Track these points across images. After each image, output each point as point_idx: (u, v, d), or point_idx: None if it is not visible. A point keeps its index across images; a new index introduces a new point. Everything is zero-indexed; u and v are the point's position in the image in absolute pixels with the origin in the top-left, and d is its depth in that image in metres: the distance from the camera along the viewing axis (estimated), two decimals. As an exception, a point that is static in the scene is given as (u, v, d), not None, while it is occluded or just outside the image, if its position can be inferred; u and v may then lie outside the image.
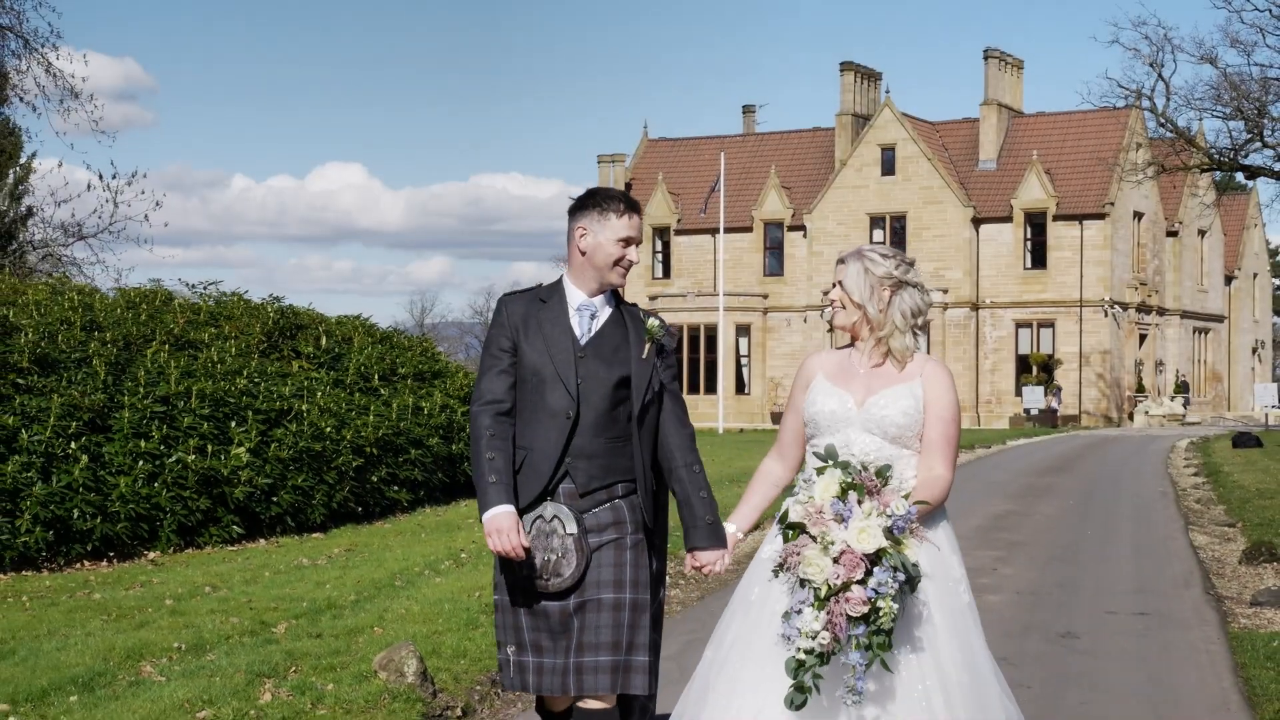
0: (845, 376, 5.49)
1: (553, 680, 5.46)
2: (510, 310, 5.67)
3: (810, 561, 4.94)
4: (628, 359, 5.61)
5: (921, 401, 5.38)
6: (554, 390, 5.53)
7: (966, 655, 5.15)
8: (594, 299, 5.67)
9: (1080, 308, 63.84)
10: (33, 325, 14.84)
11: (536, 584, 5.42)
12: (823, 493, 5.03)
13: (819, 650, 4.90)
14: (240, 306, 18.49)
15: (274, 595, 11.47)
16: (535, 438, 5.51)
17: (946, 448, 5.37)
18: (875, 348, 5.47)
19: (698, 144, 75.33)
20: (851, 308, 5.49)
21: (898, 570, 4.89)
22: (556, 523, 5.43)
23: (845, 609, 4.86)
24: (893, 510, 4.94)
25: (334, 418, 16.56)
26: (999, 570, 13.57)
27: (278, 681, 8.34)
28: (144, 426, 14.46)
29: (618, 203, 5.66)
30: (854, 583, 4.87)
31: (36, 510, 13.21)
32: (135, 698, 8.03)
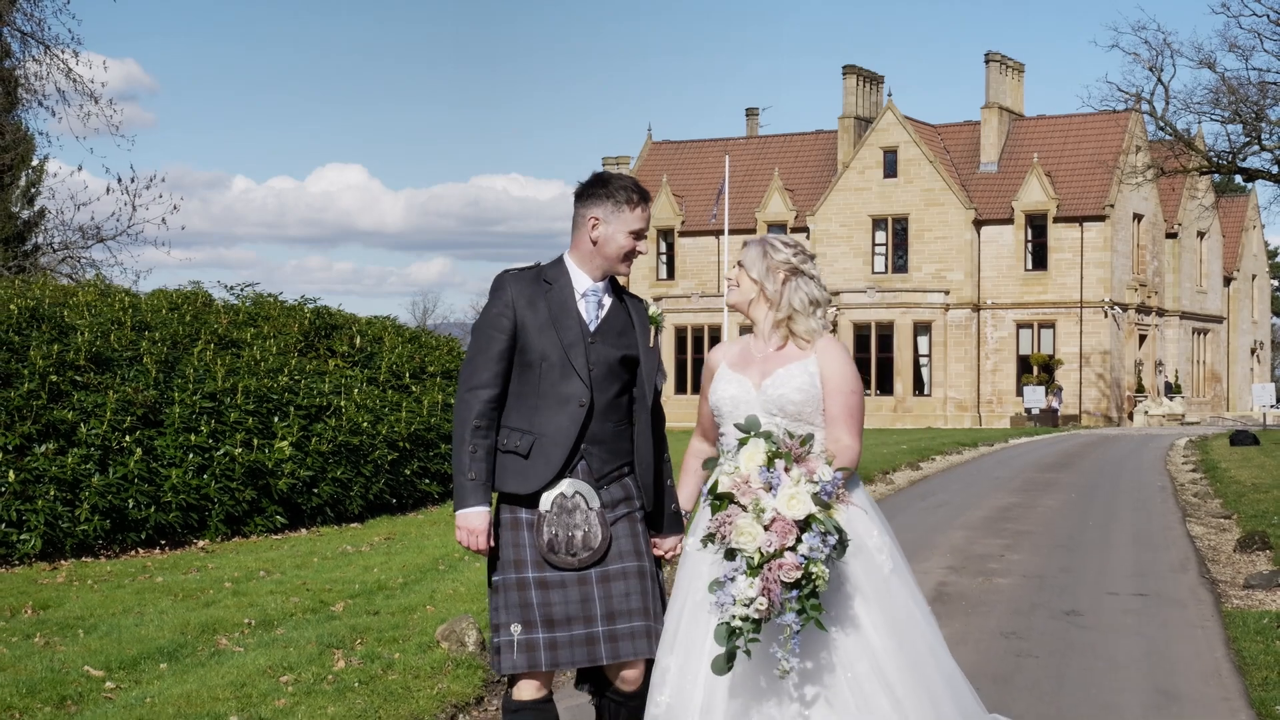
0: (745, 362, 5.63)
1: (573, 653, 5.50)
2: (514, 290, 5.64)
3: (742, 530, 5.00)
4: (632, 344, 5.69)
5: (817, 378, 5.49)
6: (566, 377, 5.56)
7: (892, 622, 5.24)
8: (598, 284, 5.71)
9: (1080, 309, 64.54)
10: (87, 325, 15.60)
11: (561, 559, 5.49)
12: (748, 462, 5.10)
13: (754, 616, 4.97)
14: (277, 307, 19.27)
15: (326, 578, 12.22)
16: (546, 424, 5.55)
17: (849, 419, 5.48)
18: (774, 331, 5.62)
19: (701, 146, 76.06)
20: (749, 284, 5.64)
21: (828, 535, 4.97)
22: (579, 498, 5.52)
23: (779, 575, 4.93)
24: (820, 476, 5.04)
25: (370, 413, 17.33)
26: (1006, 557, 14.33)
27: (347, 652, 9.09)
28: (193, 421, 15.22)
29: (631, 193, 5.67)
30: (786, 549, 4.96)
31: (95, 500, 13.95)
32: (220, 665, 8.79)
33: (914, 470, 27.77)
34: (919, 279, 66.13)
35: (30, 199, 46.16)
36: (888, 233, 67.53)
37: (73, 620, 10.38)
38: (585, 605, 5.50)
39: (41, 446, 13.94)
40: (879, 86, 71.63)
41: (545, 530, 5.48)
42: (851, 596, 5.21)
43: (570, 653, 5.48)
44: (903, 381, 64.71)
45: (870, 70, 71.00)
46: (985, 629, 10.38)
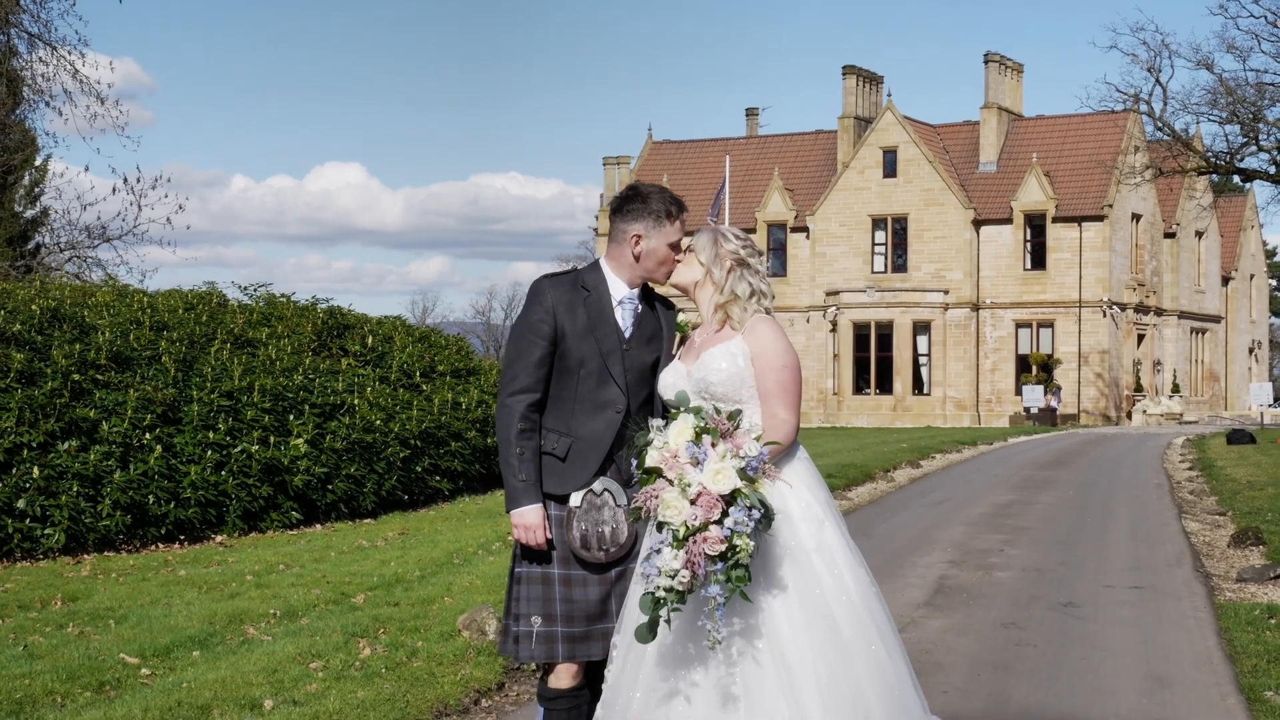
0: (687, 350, 5.77)
1: (591, 647, 5.70)
2: (554, 296, 5.80)
3: (668, 504, 5.09)
4: (659, 349, 5.88)
5: (741, 358, 5.55)
6: (604, 384, 5.75)
7: (803, 594, 5.29)
8: (633, 291, 5.88)
9: (1079, 308, 64.89)
10: (107, 325, 15.95)
11: (589, 555, 5.68)
12: (677, 437, 5.20)
13: (678, 588, 5.08)
14: (290, 308, 19.64)
15: (345, 572, 12.57)
16: (583, 427, 5.75)
17: (783, 394, 5.52)
18: (714, 315, 5.73)
19: (702, 146, 76.39)
20: (697, 267, 5.75)
21: (753, 509, 5.06)
22: (607, 495, 5.69)
23: (704, 548, 5.02)
24: (746, 452, 5.12)
25: (382, 412, 17.70)
26: (1006, 551, 14.68)
27: (371, 640, 9.45)
28: (211, 419, 15.58)
29: (670, 206, 5.84)
30: (711, 523, 5.04)
31: (116, 496, 14.31)
32: (250, 653, 9.15)
33: (914, 468, 28.11)
34: (918, 278, 66.48)
35: (33, 198, 46.50)
36: (887, 232, 67.88)
37: (103, 611, 10.74)
38: (603, 603, 5.70)
39: (64, 443, 14.29)
40: (879, 87, 71.97)
41: (575, 526, 5.69)
42: (773, 567, 5.29)
43: (587, 647, 5.69)
44: (902, 381, 65.06)
45: (870, 70, 71.34)
46: (986, 620, 10.73)
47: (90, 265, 43.20)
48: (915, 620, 10.63)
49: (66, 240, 43.03)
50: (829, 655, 5.21)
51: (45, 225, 44.79)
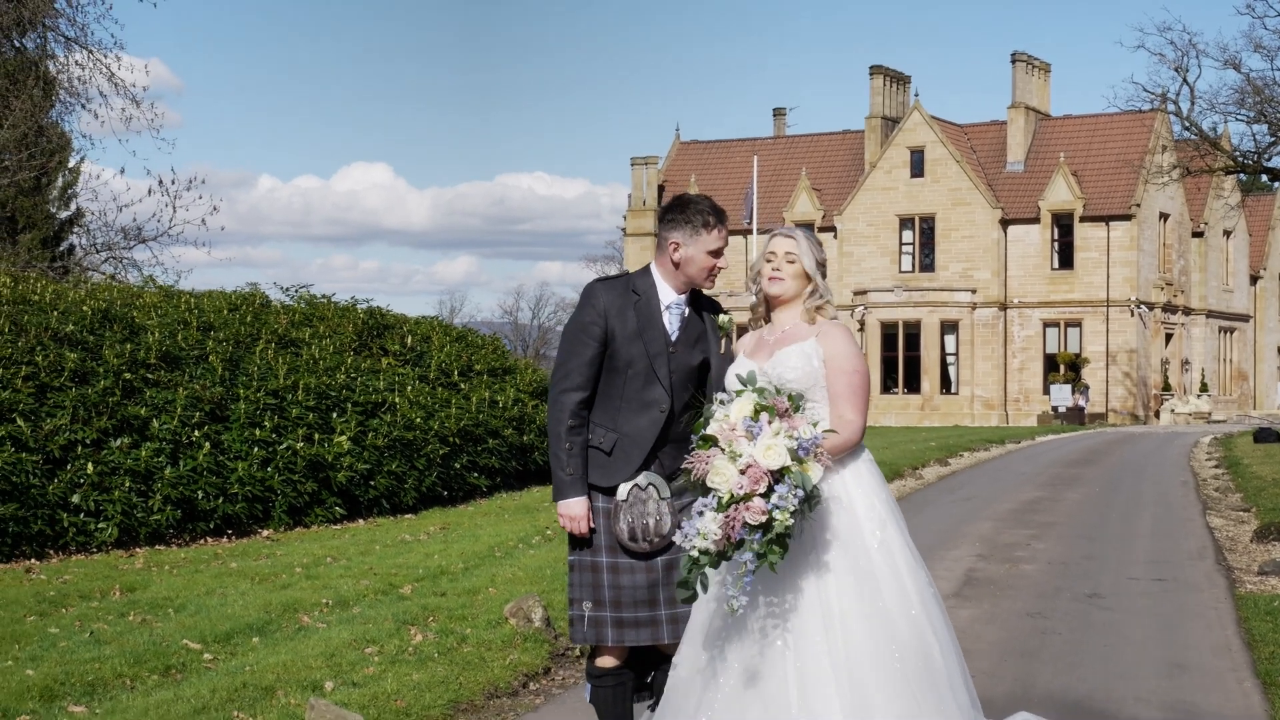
0: (757, 348, 5.91)
1: (639, 633, 6.05)
2: (606, 299, 6.14)
3: (718, 470, 5.29)
4: (706, 350, 6.20)
5: (815, 359, 5.73)
6: (650, 384, 6.10)
7: (866, 590, 5.47)
8: (681, 296, 6.22)
9: (1107, 307, 65.02)
10: (156, 325, 16.43)
11: (635, 546, 6.03)
12: (738, 412, 5.38)
13: (712, 550, 5.28)
14: (330, 308, 20.11)
15: (391, 564, 12.99)
16: (629, 425, 6.10)
17: (853, 396, 5.72)
18: (789, 317, 5.90)
19: (729, 146, 76.67)
20: (799, 279, 5.89)
21: (798, 488, 5.23)
22: (652, 489, 6.05)
23: (744, 516, 5.21)
24: (800, 433, 5.31)
25: (422, 410, 18.16)
26: (1032, 545, 15.04)
27: (421, 627, 9.87)
28: (257, 417, 16.04)
29: (708, 216, 6.17)
30: (757, 495, 5.24)
31: (167, 491, 14.78)
32: (306, 639, 9.58)
33: (942, 466, 28.45)
34: (946, 278, 66.70)
35: (67, 200, 47.08)
36: (914, 232, 68.10)
37: (161, 600, 11.18)
38: (651, 590, 6.05)
39: (117, 440, 14.76)
40: (906, 86, 72.19)
41: (621, 518, 6.04)
42: (826, 558, 5.48)
43: (636, 633, 6.05)
44: (930, 380, 65.30)
45: (897, 70, 71.53)
46: (1012, 610, 11.10)
47: (126, 266, 43.71)
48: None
49: (103, 241, 43.54)
50: (882, 651, 5.39)
51: (81, 226, 45.27)
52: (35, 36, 38.63)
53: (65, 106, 41.37)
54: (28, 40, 38.61)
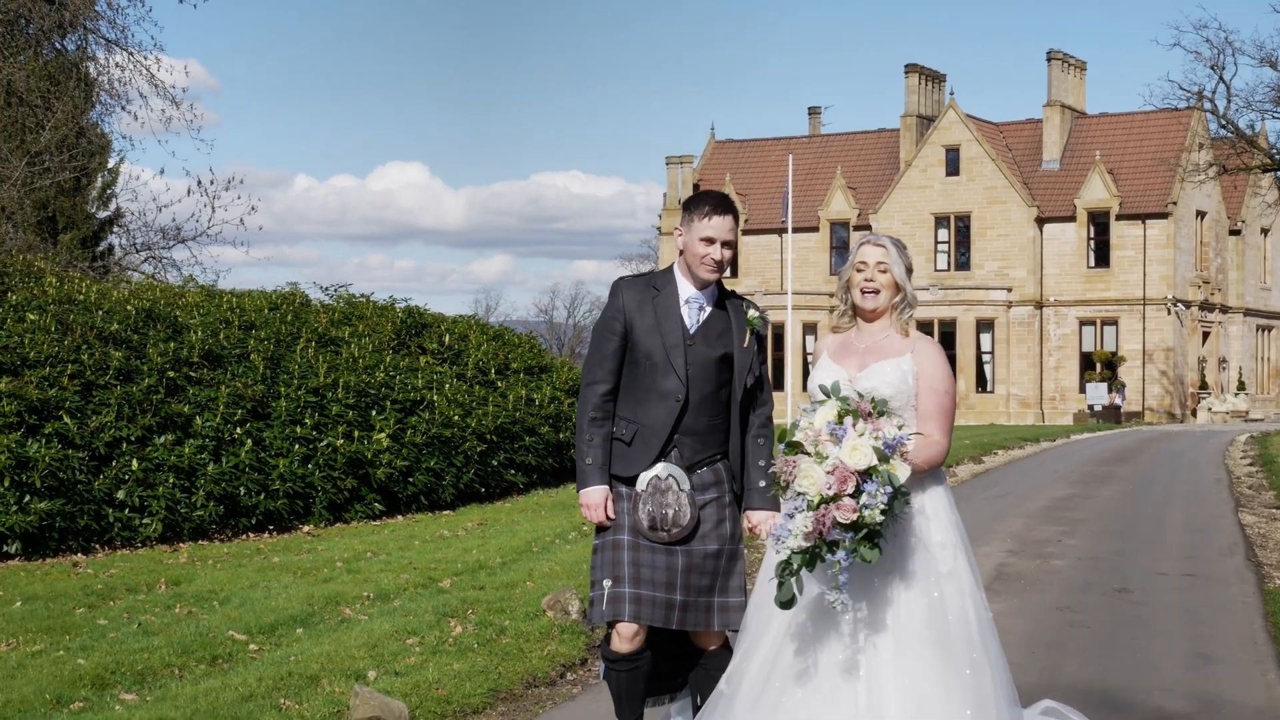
0: (845, 354, 5.97)
1: (654, 612, 6.16)
2: (626, 296, 6.36)
3: (805, 473, 5.39)
4: (729, 345, 6.30)
5: (909, 375, 5.81)
6: (665, 375, 6.24)
7: (930, 614, 5.56)
8: (702, 292, 6.36)
9: (1144, 306, 64.88)
10: (198, 324, 16.71)
11: (655, 535, 6.17)
12: (822, 419, 5.49)
13: (805, 548, 5.37)
14: (369, 307, 20.38)
15: (430, 559, 13.23)
16: (646, 415, 6.27)
17: (940, 416, 5.79)
18: (879, 326, 5.98)
19: (764, 145, 76.76)
20: (890, 290, 5.97)
21: (885, 485, 5.32)
22: (671, 480, 6.19)
23: (834, 515, 5.31)
24: (884, 434, 5.40)
25: (460, 408, 18.40)
26: (1063, 541, 15.19)
27: (461, 619, 10.09)
28: (298, 414, 16.30)
29: (703, 205, 6.32)
30: (845, 495, 5.32)
31: (210, 488, 15.05)
32: (349, 630, 9.81)
33: (976, 464, 28.54)
34: (981, 276, 66.68)
35: (105, 200, 47.54)
36: (950, 230, 68.09)
37: (206, 593, 11.43)
38: (669, 573, 6.18)
39: (161, 438, 15.03)
40: (941, 85, 72.16)
41: (642, 508, 6.19)
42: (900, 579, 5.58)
43: (651, 611, 6.15)
44: (965, 378, 65.26)
45: (932, 69, 71.51)
46: (1042, 604, 11.26)
47: (166, 266, 44.11)
48: (974, 604, 11.16)
49: (142, 241, 43.95)
50: (945, 678, 5.50)
51: (121, 226, 45.66)
52: (76, 39, 38.98)
53: (105, 108, 41.72)
54: (68, 42, 38.98)
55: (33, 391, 14.18)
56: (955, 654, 5.54)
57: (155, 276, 39.96)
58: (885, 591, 5.58)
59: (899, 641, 5.52)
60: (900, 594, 5.57)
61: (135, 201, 47.19)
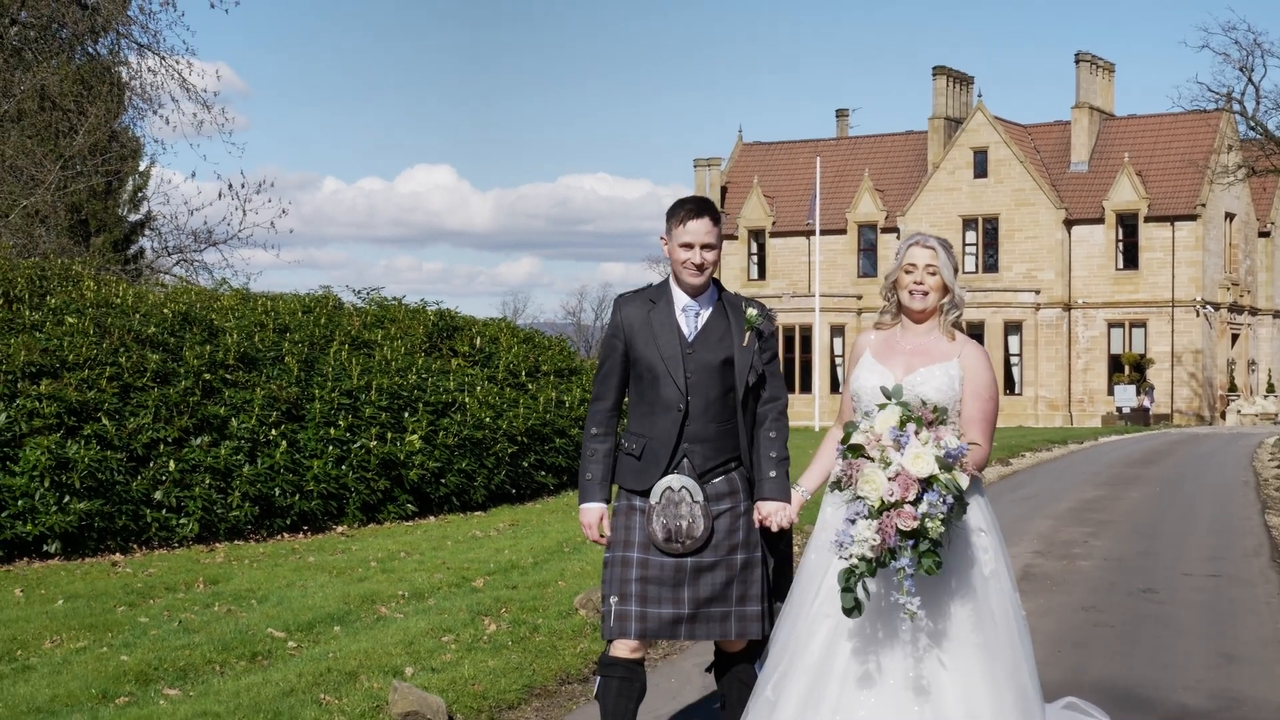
0: (888, 353, 6.00)
1: (660, 628, 6.20)
2: (624, 313, 6.39)
3: (868, 478, 5.42)
4: (730, 348, 6.29)
5: (957, 380, 5.86)
6: (666, 386, 6.26)
7: (977, 618, 5.65)
8: (696, 299, 6.37)
9: (1172, 308, 64.81)
10: (234, 327, 16.94)
11: (669, 547, 6.18)
12: (883, 423, 5.51)
13: (870, 557, 5.39)
14: (401, 310, 20.58)
15: (463, 559, 13.41)
16: (653, 428, 6.30)
17: (984, 423, 5.86)
18: (925, 327, 6.02)
19: (792, 148, 76.86)
20: (939, 291, 6.00)
21: (947, 495, 5.37)
22: (685, 492, 6.19)
23: (896, 522, 5.35)
24: (946, 443, 5.43)
25: (491, 409, 18.59)
26: (1089, 543, 15.32)
27: (495, 617, 10.28)
28: (332, 416, 16.51)
29: (681, 209, 6.35)
30: (906, 502, 5.37)
31: (245, 488, 15.26)
32: (385, 628, 10.00)
33: (1004, 466, 28.65)
34: (1009, 279, 66.69)
35: (136, 203, 47.92)
36: (978, 232, 68.12)
37: (244, 592, 11.63)
38: (676, 590, 6.19)
39: (197, 439, 15.24)
40: (969, 87, 72.20)
41: (655, 520, 6.20)
42: (950, 583, 5.65)
43: (658, 627, 6.21)
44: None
45: (960, 71, 71.55)
46: (1067, 604, 11.41)
47: (197, 269, 44.42)
48: (1000, 604, 11.31)
49: (174, 244, 44.27)
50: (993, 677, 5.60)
51: (153, 228, 45.97)
52: (109, 43, 39.29)
53: (137, 112, 42.04)
54: (100, 47, 39.29)
55: (72, 393, 14.40)
56: (1000, 656, 5.63)
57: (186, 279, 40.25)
58: (937, 595, 5.62)
59: (953, 645, 5.59)
60: (950, 597, 5.64)
61: (167, 205, 47.55)
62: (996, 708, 5.56)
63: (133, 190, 47.69)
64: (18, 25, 36.51)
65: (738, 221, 74.03)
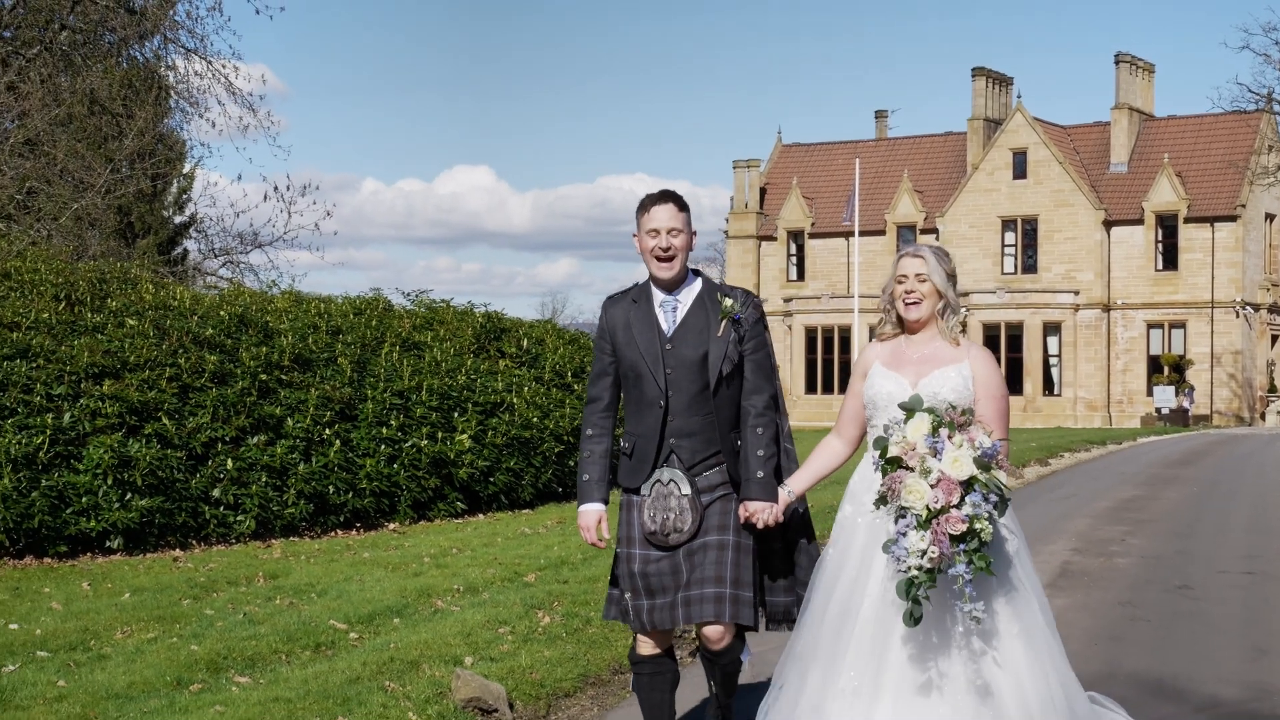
0: (898, 362, 6.11)
1: (663, 616, 6.33)
2: (609, 316, 6.51)
3: (911, 489, 5.50)
4: (708, 340, 6.35)
5: (969, 381, 5.97)
6: (648, 383, 6.35)
7: (1013, 608, 5.77)
8: (674, 295, 6.45)
9: (1211, 309, 64.77)
10: (288, 329, 17.36)
11: (657, 539, 6.30)
12: (915, 432, 5.61)
13: (928, 566, 5.47)
14: (449, 312, 20.99)
15: (513, 555, 13.77)
16: (640, 425, 6.39)
17: (1000, 421, 5.96)
18: (927, 335, 6.15)
19: (830, 149, 77.08)
20: (932, 297, 6.11)
21: (989, 493, 5.48)
22: (673, 485, 6.28)
23: (946, 527, 5.43)
24: (980, 443, 5.54)
25: (538, 410, 18.98)
26: (1127, 541, 15.58)
27: (548, 611, 10.62)
28: (384, 416, 16.92)
29: (645, 201, 6.45)
30: (951, 506, 5.47)
31: (300, 486, 15.68)
32: (443, 620, 10.36)
33: (1042, 466, 28.86)
34: (1048, 279, 66.76)
35: (181, 205, 48.45)
36: (1017, 233, 68.21)
37: (304, 586, 12.01)
38: (675, 576, 6.31)
39: (254, 438, 15.66)
40: (1008, 88, 72.27)
41: (646, 513, 6.33)
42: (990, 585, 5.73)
43: (661, 615, 6.33)
44: (1032, 381, 65.38)
45: (999, 72, 71.64)
46: (1104, 600, 11.69)
47: (242, 270, 44.87)
48: (1038, 599, 11.61)
49: (220, 246, 44.74)
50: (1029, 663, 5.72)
51: (199, 230, 46.45)
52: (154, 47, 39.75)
53: (183, 115, 42.47)
54: (146, 50, 39.76)
55: (133, 394, 14.83)
56: (1037, 641, 5.76)
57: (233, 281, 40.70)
58: (990, 601, 5.71)
59: (1001, 641, 5.70)
60: (1000, 603, 5.75)
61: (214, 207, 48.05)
62: (1045, 694, 5.69)
63: (177, 192, 48.20)
64: (67, 30, 37.02)
65: (777, 222, 74.30)
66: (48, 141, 32.55)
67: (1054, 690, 5.75)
